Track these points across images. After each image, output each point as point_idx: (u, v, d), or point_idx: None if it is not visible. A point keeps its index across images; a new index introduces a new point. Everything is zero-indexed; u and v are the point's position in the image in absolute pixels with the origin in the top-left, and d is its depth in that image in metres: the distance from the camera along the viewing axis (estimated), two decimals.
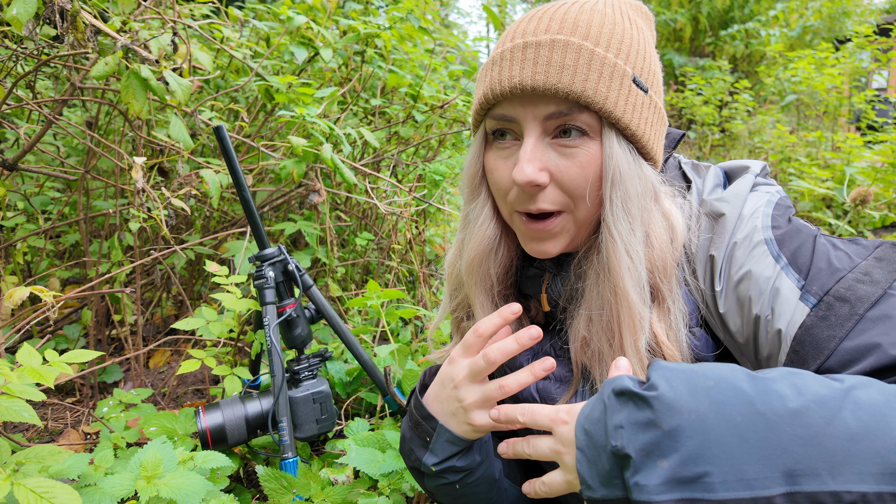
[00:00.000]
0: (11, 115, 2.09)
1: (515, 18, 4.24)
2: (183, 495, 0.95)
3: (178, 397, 1.90)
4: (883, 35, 5.35)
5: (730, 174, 0.86)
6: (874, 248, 0.72)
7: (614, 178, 0.74)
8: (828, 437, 0.51)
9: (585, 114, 0.74)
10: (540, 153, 0.75)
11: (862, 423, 0.51)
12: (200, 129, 1.68)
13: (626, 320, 0.75)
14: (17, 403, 0.91)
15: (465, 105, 2.33)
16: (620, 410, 0.58)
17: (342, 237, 2.54)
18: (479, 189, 0.87)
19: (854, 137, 3.78)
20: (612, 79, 0.73)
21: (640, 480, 0.54)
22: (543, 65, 0.72)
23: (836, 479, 0.50)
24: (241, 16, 2.05)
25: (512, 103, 0.76)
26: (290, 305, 1.37)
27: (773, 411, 0.53)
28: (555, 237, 0.80)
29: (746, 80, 6.04)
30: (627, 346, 0.75)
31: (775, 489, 0.51)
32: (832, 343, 0.66)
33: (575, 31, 0.73)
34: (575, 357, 0.83)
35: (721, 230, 0.77)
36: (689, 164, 0.89)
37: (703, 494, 0.52)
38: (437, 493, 0.90)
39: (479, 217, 0.87)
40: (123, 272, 1.77)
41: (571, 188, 0.76)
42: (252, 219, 1.38)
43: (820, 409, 0.53)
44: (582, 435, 0.62)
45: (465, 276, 0.91)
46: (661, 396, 0.56)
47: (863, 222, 3.00)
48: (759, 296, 0.71)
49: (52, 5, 1.29)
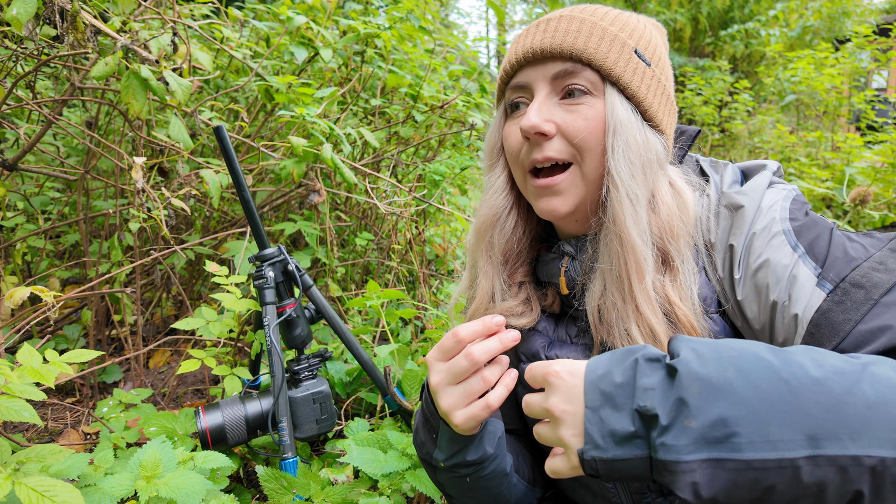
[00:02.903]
0: (11, 115, 2.09)
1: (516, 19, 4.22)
2: (183, 495, 0.95)
3: (178, 397, 1.90)
4: (882, 35, 5.35)
5: (746, 172, 0.90)
6: (889, 241, 0.76)
7: (616, 127, 0.80)
8: (848, 405, 0.53)
9: (588, 71, 0.82)
10: (547, 108, 0.83)
11: (880, 394, 0.54)
12: (200, 129, 1.68)
13: (632, 264, 0.79)
14: (17, 403, 0.91)
15: (465, 105, 2.33)
16: (651, 374, 0.60)
17: (342, 237, 2.54)
18: (497, 159, 0.94)
19: (854, 137, 3.78)
20: (613, 44, 0.82)
21: (668, 440, 0.56)
22: (551, 32, 0.83)
23: (857, 444, 0.52)
24: (240, 16, 2.05)
25: (525, 71, 0.85)
26: (290, 305, 1.37)
27: (796, 379, 0.55)
28: (562, 194, 0.85)
29: (746, 80, 6.04)
30: (637, 291, 0.79)
31: (799, 451, 0.53)
32: (847, 326, 0.69)
33: (585, 11, 0.84)
34: (594, 325, 0.85)
35: (740, 221, 0.81)
36: (708, 162, 0.94)
37: (730, 454, 0.54)
38: (447, 485, 0.92)
39: (493, 184, 0.94)
40: (123, 272, 1.77)
41: (577, 137, 0.82)
42: (252, 219, 1.38)
43: (840, 378, 0.55)
44: (595, 394, 0.62)
45: (473, 240, 0.96)
46: (689, 363, 0.58)
47: (863, 222, 3.00)
48: (776, 283, 0.75)
49: (52, 5, 1.29)
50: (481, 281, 0.94)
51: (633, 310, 0.79)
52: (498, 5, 2.28)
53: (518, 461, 0.97)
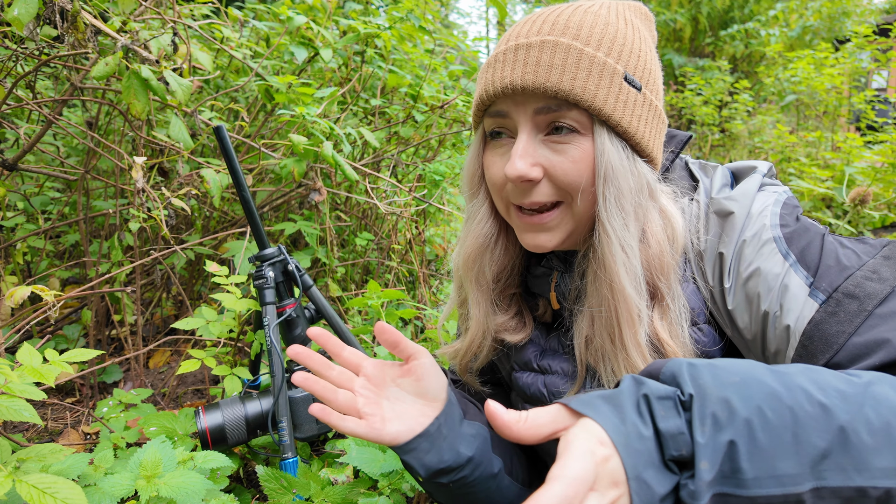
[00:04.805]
0: (11, 115, 2.09)
1: (516, 20, 4.23)
2: (183, 495, 0.95)
3: (178, 397, 1.90)
4: (882, 35, 5.35)
5: (737, 174, 0.87)
6: (882, 247, 0.73)
7: (606, 174, 0.75)
8: (853, 433, 0.51)
9: (575, 111, 0.75)
10: (532, 149, 0.77)
11: (883, 419, 0.52)
12: (200, 129, 1.68)
13: (624, 315, 0.76)
14: (17, 403, 0.91)
15: (464, 105, 2.33)
16: (668, 417, 0.53)
17: (342, 237, 2.54)
18: (478, 188, 0.89)
19: (854, 137, 3.78)
20: (602, 77, 0.74)
21: (691, 485, 0.51)
22: (532, 65, 0.74)
23: (862, 475, 0.50)
24: (240, 16, 2.05)
25: (505, 101, 0.79)
26: (289, 305, 1.37)
27: (800, 406, 0.52)
28: (550, 230, 0.81)
29: (746, 81, 6.04)
30: (628, 341, 0.76)
31: (804, 485, 0.50)
32: (841, 338, 0.67)
33: (565, 32, 0.75)
34: (579, 355, 0.83)
35: (730, 228, 0.78)
36: (697, 165, 0.90)
37: (735, 490, 0.51)
38: (433, 492, 0.90)
39: (477, 214, 0.90)
40: (123, 272, 1.77)
41: (565, 182, 0.77)
42: (252, 219, 1.38)
43: (844, 404, 0.53)
44: (632, 458, 0.52)
45: (462, 272, 0.93)
46: (695, 396, 0.54)
47: (862, 222, 3.00)
48: (767, 292, 0.73)
49: (52, 6, 1.29)
50: (473, 311, 0.92)
51: (624, 356, 0.77)
52: (500, 2, 2.28)
53: (511, 463, 0.95)
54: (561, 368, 0.90)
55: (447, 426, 0.84)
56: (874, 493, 0.50)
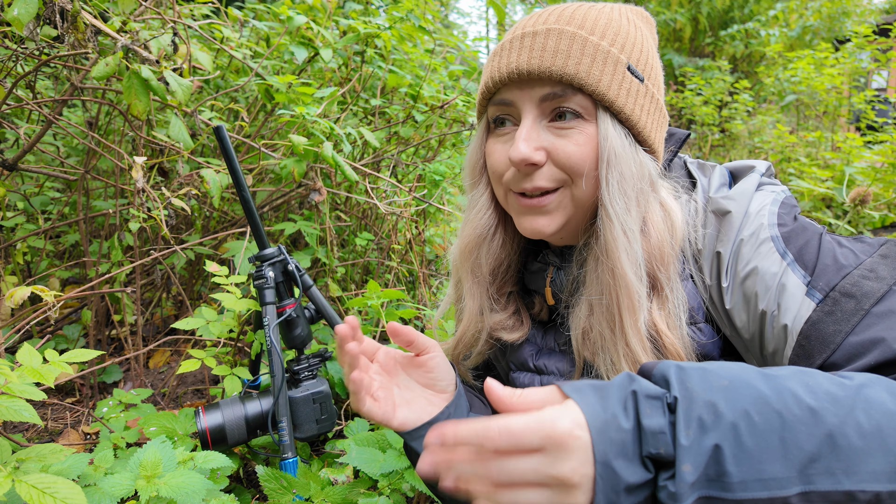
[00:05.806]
0: (11, 115, 2.09)
1: (516, 19, 4.21)
2: (183, 495, 0.95)
3: (178, 397, 1.90)
4: (882, 35, 5.35)
5: (735, 174, 0.87)
6: (879, 246, 0.73)
7: (609, 158, 0.76)
8: (842, 436, 0.51)
9: (579, 96, 0.77)
10: (536, 134, 0.78)
11: (874, 422, 0.52)
12: (200, 129, 1.68)
13: (624, 301, 0.76)
14: (17, 403, 0.91)
15: (465, 105, 2.33)
16: (653, 415, 0.54)
17: (342, 237, 2.54)
18: (479, 177, 0.90)
19: (854, 137, 3.78)
20: (606, 64, 0.76)
21: (671, 486, 0.52)
22: (538, 50, 0.76)
23: (851, 479, 0.50)
24: (240, 16, 2.05)
25: (510, 88, 0.80)
26: (289, 305, 1.37)
27: (788, 410, 0.52)
28: (549, 213, 0.82)
29: (746, 81, 6.04)
30: (628, 328, 0.76)
31: (791, 489, 0.50)
32: (838, 338, 0.67)
33: (571, 22, 0.77)
34: (576, 347, 0.83)
35: (727, 227, 0.78)
36: (695, 164, 0.91)
37: (721, 493, 0.51)
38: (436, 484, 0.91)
39: (477, 203, 0.91)
40: (123, 272, 1.77)
41: (568, 165, 0.78)
42: (252, 219, 1.38)
43: (834, 408, 0.52)
44: (605, 444, 0.53)
45: (459, 262, 0.93)
46: (680, 399, 0.54)
47: (862, 222, 3.00)
48: (765, 291, 0.73)
49: (52, 6, 1.29)
50: (468, 302, 0.92)
51: (623, 345, 0.77)
52: (499, 4, 2.28)
53: None
54: (557, 368, 0.91)
55: (456, 416, 0.86)
56: (863, 496, 0.50)
